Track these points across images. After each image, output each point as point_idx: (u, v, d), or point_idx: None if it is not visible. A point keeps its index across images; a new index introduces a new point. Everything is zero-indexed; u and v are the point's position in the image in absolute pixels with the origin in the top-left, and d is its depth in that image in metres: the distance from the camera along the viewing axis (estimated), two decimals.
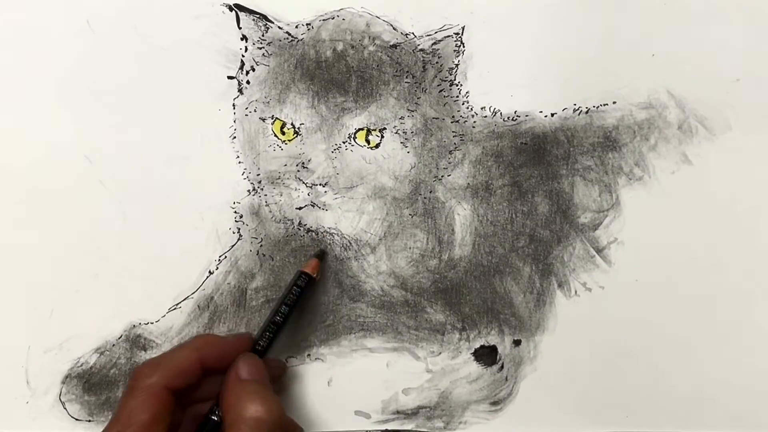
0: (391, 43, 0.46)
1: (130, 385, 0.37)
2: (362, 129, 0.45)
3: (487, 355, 0.46)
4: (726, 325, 0.47)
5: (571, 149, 0.46)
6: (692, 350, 0.46)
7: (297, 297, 0.43)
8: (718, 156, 0.47)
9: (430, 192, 0.46)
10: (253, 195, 0.46)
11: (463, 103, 0.46)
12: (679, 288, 0.47)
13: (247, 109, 0.46)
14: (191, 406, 0.40)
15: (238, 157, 0.46)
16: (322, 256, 0.45)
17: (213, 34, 0.46)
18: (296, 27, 0.46)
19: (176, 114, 0.46)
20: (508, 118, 0.46)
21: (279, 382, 0.45)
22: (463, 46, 0.46)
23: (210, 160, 0.46)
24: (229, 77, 0.46)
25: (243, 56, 0.46)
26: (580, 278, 0.46)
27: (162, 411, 0.36)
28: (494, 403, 0.46)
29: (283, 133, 0.45)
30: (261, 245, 0.46)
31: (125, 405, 0.36)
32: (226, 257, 0.46)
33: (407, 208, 0.46)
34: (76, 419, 0.45)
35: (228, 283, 0.46)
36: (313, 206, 0.46)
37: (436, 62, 0.46)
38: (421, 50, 0.46)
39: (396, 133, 0.46)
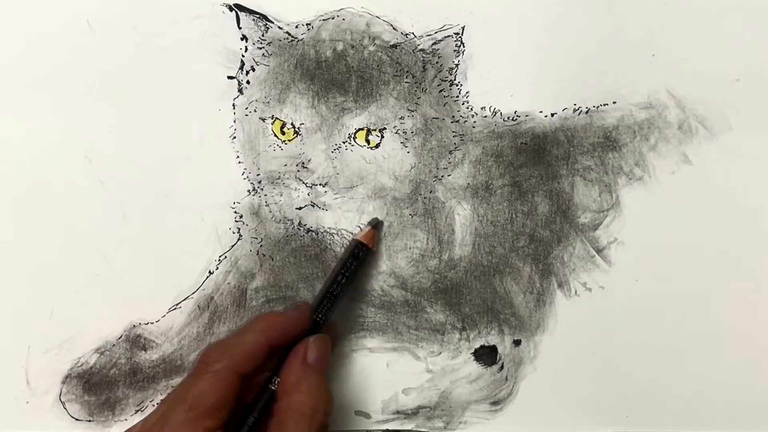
0: (391, 43, 0.46)
1: (199, 368, 0.38)
2: (362, 129, 0.45)
3: (487, 355, 0.46)
4: (726, 325, 0.47)
5: (571, 149, 0.46)
6: (692, 350, 0.46)
7: (355, 268, 0.43)
8: (718, 156, 0.47)
9: (430, 192, 0.46)
10: (253, 195, 0.46)
11: (463, 103, 0.46)
12: (679, 288, 0.47)
13: (247, 109, 0.46)
14: (251, 384, 0.40)
15: (238, 157, 0.46)
16: (377, 225, 0.45)
17: (213, 34, 0.46)
18: (296, 27, 0.46)
19: (176, 114, 0.46)
20: (508, 118, 0.46)
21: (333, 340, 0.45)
22: (463, 46, 0.46)
23: (210, 160, 0.46)
24: (229, 77, 0.46)
25: (243, 56, 0.46)
26: (580, 278, 0.46)
27: (229, 395, 0.37)
28: (494, 403, 0.46)
29: (283, 133, 0.45)
30: (261, 245, 0.46)
31: (193, 386, 0.37)
32: (226, 257, 0.46)
33: (407, 208, 0.46)
34: (76, 419, 0.45)
35: (228, 283, 0.46)
36: (313, 206, 0.46)
37: (436, 62, 0.46)
38: (421, 50, 0.46)
39: (396, 133, 0.46)
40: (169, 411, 0.37)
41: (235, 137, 0.46)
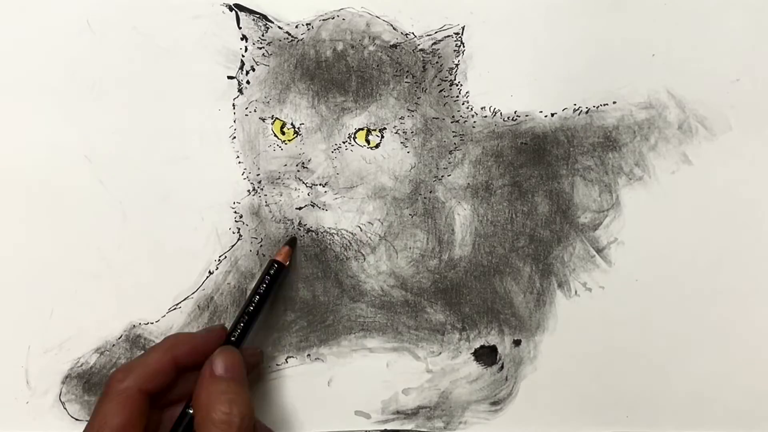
0: (391, 43, 0.46)
1: (105, 391, 0.37)
2: (362, 129, 0.45)
3: (487, 355, 0.46)
4: (726, 325, 0.47)
5: (571, 149, 0.46)
6: (692, 350, 0.46)
7: (269, 285, 0.43)
8: (718, 156, 0.46)
9: (430, 192, 0.46)
10: (253, 195, 0.46)
11: (463, 103, 0.46)
12: (679, 288, 0.47)
13: (247, 109, 0.46)
14: (170, 406, 0.40)
15: (238, 157, 0.46)
16: (293, 243, 0.45)
17: (213, 34, 0.46)
18: (296, 27, 0.46)
19: (176, 114, 0.46)
20: (508, 118, 0.46)
21: (256, 371, 0.45)
22: (463, 46, 0.46)
23: (210, 160, 0.46)
24: (229, 77, 0.46)
25: (243, 56, 0.46)
26: (580, 278, 0.46)
27: (136, 414, 0.37)
28: (494, 403, 0.46)
29: (283, 133, 0.45)
30: (261, 245, 0.46)
31: (99, 410, 0.37)
32: (226, 257, 0.46)
33: (407, 208, 0.46)
34: (76, 419, 0.45)
35: (228, 283, 0.46)
36: (313, 206, 0.46)
37: (436, 62, 0.46)
38: (421, 50, 0.46)
39: (396, 133, 0.45)
40: None
41: (235, 137, 0.46)
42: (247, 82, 0.46)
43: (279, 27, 0.46)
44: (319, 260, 0.46)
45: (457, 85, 0.46)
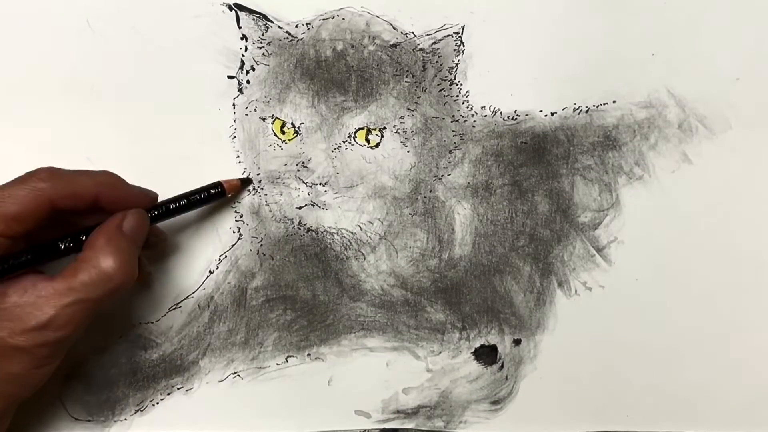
0: (391, 43, 0.46)
1: (23, 177, 0.37)
2: (362, 128, 0.45)
3: (487, 355, 0.46)
4: (726, 325, 0.47)
5: (571, 148, 0.46)
6: (692, 350, 0.46)
7: (201, 199, 0.43)
8: (718, 155, 0.47)
9: (430, 191, 0.46)
10: (253, 194, 0.46)
11: (463, 103, 0.46)
12: (679, 287, 0.47)
13: (247, 108, 0.46)
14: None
15: (238, 156, 0.46)
16: (246, 181, 0.46)
17: (213, 34, 0.46)
18: (296, 26, 0.46)
19: (176, 114, 0.46)
20: (508, 117, 0.46)
21: (157, 251, 0.45)
22: (463, 46, 0.46)
23: (210, 159, 0.46)
24: (229, 77, 0.46)
25: (243, 56, 0.46)
26: (580, 277, 0.46)
27: (36, 215, 0.36)
28: (494, 403, 0.46)
29: (283, 133, 0.45)
30: (261, 245, 0.46)
31: (5, 186, 0.36)
32: (226, 257, 0.46)
33: (407, 207, 0.46)
34: (76, 419, 0.45)
35: (228, 283, 0.46)
36: (313, 206, 0.46)
37: (436, 61, 0.46)
38: (421, 49, 0.46)
39: (396, 132, 0.45)
40: None
41: (235, 137, 0.46)
42: (247, 82, 0.46)
43: (279, 26, 0.46)
44: (319, 259, 0.46)
45: (457, 85, 0.46)
